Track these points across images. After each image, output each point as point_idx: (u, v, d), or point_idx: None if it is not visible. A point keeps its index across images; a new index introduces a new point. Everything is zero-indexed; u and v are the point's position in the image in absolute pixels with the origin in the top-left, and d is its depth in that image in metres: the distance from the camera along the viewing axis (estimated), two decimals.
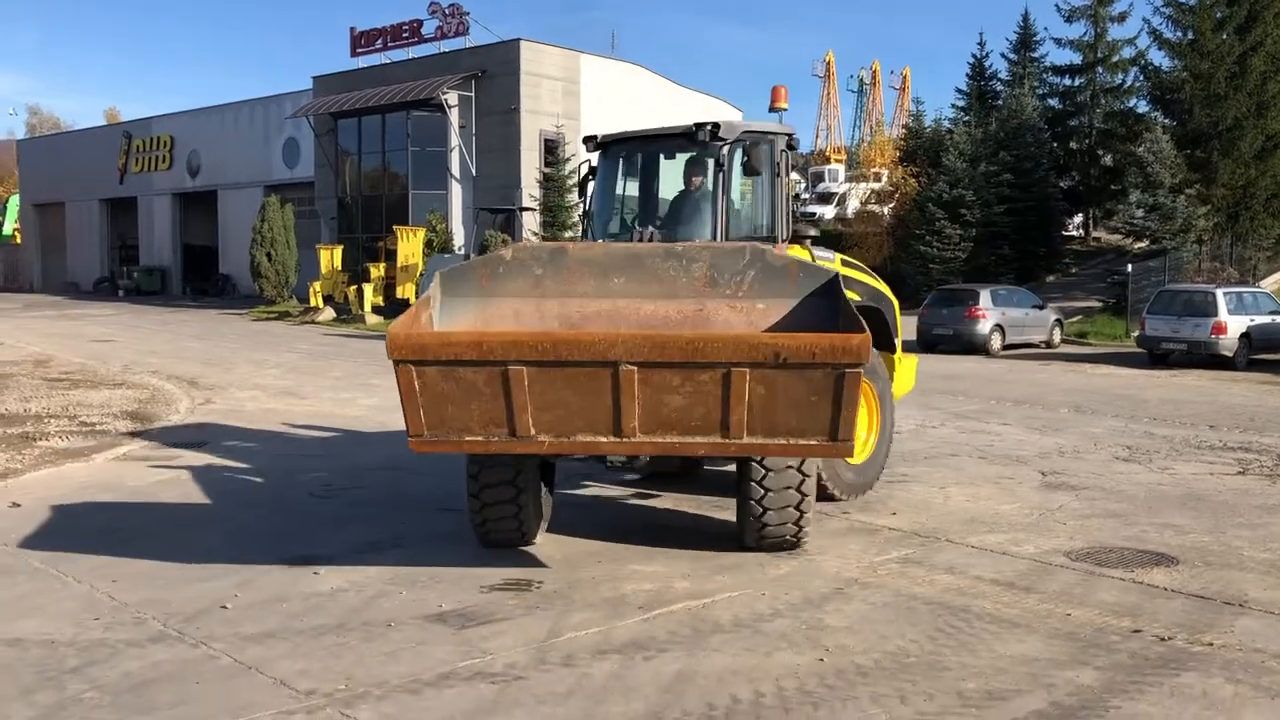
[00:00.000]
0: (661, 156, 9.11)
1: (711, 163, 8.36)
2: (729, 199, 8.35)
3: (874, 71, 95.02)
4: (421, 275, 31.47)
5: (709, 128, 8.24)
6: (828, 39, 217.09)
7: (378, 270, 34.25)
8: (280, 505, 8.57)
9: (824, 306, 6.45)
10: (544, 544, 7.36)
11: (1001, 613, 5.94)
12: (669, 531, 7.76)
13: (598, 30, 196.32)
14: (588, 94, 39.69)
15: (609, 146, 9.07)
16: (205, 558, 6.95)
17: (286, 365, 19.99)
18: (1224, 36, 33.58)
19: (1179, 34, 35.28)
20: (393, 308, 32.87)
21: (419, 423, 5.74)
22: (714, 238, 8.11)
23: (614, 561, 6.92)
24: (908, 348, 10.81)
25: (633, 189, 9.13)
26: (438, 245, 34.46)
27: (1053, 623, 5.77)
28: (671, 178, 8.92)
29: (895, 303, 9.97)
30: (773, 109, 12.98)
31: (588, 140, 9.19)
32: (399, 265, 33.11)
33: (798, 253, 8.31)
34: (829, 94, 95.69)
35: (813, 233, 9.16)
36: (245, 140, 49.02)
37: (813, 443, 5.76)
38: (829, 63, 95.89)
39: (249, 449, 11.14)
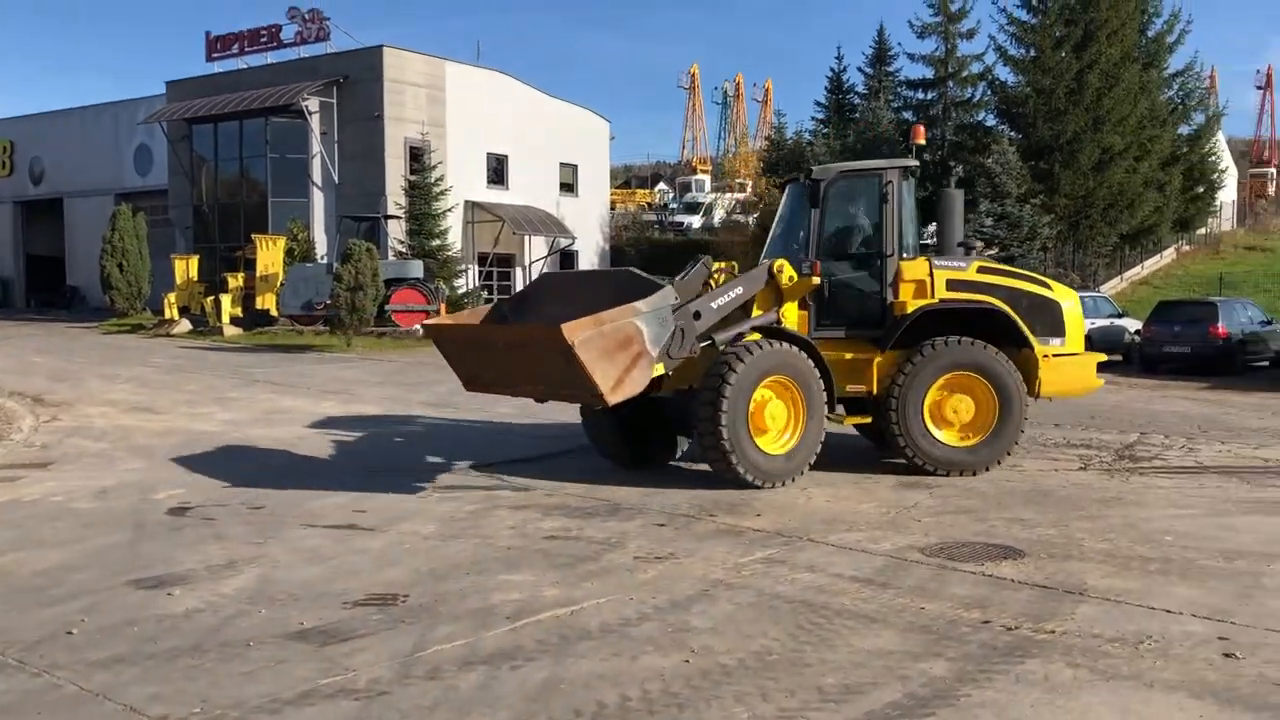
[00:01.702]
0: (796, 193, 11.15)
1: (808, 198, 10.48)
2: (823, 226, 10.47)
3: (737, 84, 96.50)
4: (283, 285, 30.64)
5: (806, 171, 10.76)
6: (693, 51, 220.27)
7: (236, 280, 33.20)
8: (132, 525, 8.24)
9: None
10: (410, 557, 7.28)
11: (860, 608, 6.13)
12: (539, 539, 7.76)
13: (463, 38, 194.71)
14: (453, 101, 39.37)
15: (783, 187, 11.74)
16: (50, 582, 6.64)
17: (139, 380, 19.21)
18: (1062, 54, 35.39)
19: (1022, 51, 37.05)
20: (253, 318, 31.94)
21: (456, 372, 10.03)
22: (807, 258, 10.27)
23: (481, 572, 6.89)
24: None
25: (785, 219, 11.34)
26: (299, 254, 33.64)
27: (908, 616, 5.98)
28: (791, 209, 11.34)
29: (1063, 306, 10.86)
30: (910, 144, 13.78)
31: (779, 185, 12.35)
32: (258, 275, 32.15)
33: (909, 265, 10.40)
34: (694, 105, 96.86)
35: (977, 244, 11.59)
36: (94, 146, 46.97)
37: (587, 395, 8.69)
38: (694, 75, 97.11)
39: (99, 467, 10.68)
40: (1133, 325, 24.21)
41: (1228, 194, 49.88)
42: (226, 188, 40.78)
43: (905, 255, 10.48)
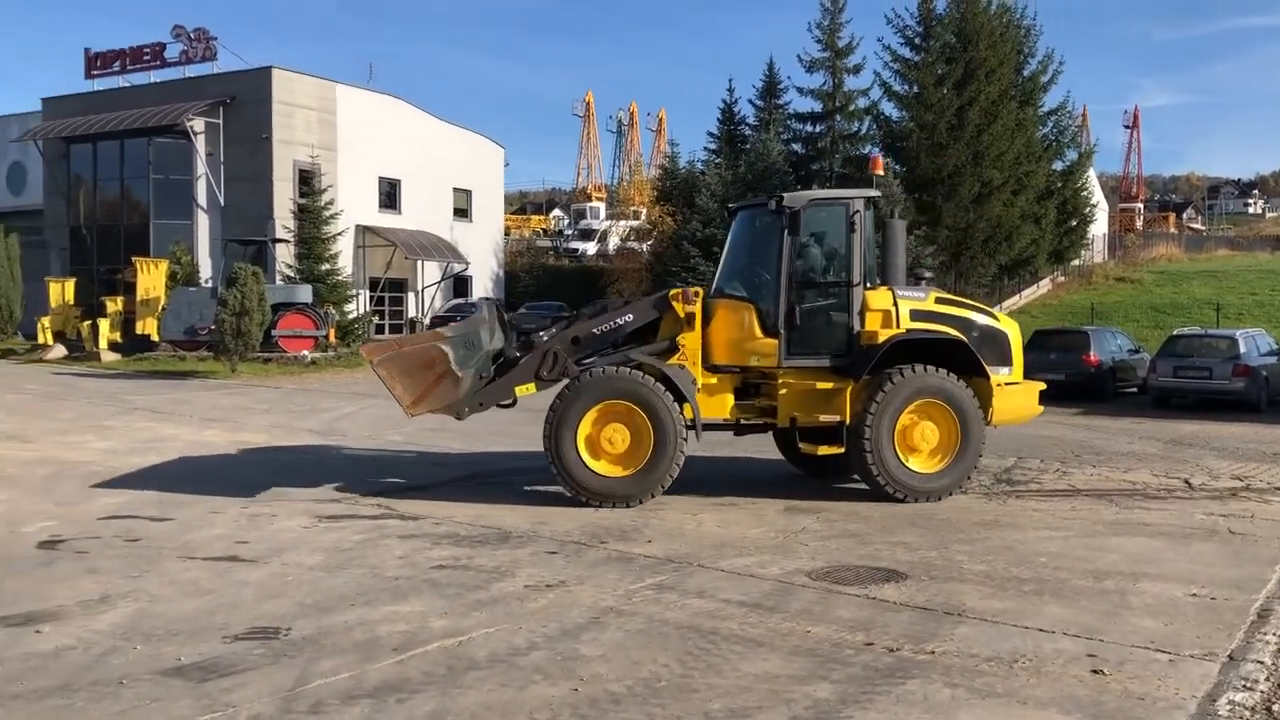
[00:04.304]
0: (754, 220, 11.21)
1: (779, 225, 10.48)
2: (794, 253, 10.47)
3: (631, 113, 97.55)
4: (165, 309, 29.71)
5: (777, 198, 10.61)
6: (587, 79, 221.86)
7: (115, 304, 32.10)
8: None
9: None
10: (294, 589, 7.12)
11: (747, 633, 6.20)
12: (427, 569, 7.66)
13: (357, 61, 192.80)
14: (344, 125, 38.88)
15: (734, 213, 11.67)
16: None
17: (9, 407, 18.41)
18: (944, 91, 36.61)
19: (906, 87, 38.19)
20: (133, 344, 30.90)
21: None
22: (778, 284, 10.44)
23: (368, 603, 6.77)
24: None
25: (743, 246, 11.34)
26: (182, 278, 32.69)
27: (794, 640, 6.08)
28: (751, 235, 11.31)
29: (1010, 336, 11.00)
30: (870, 173, 13.70)
31: (726, 209, 11.98)
32: (139, 299, 31.15)
33: (874, 295, 10.51)
34: (589, 133, 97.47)
35: (928, 275, 12.08)
36: None
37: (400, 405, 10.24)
38: (588, 103, 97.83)
39: None
40: None
41: (1099, 227, 52.12)
42: (106, 209, 39.50)
43: (868, 285, 10.65)
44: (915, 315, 10.59)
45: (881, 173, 12.07)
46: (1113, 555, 8.23)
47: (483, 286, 46.09)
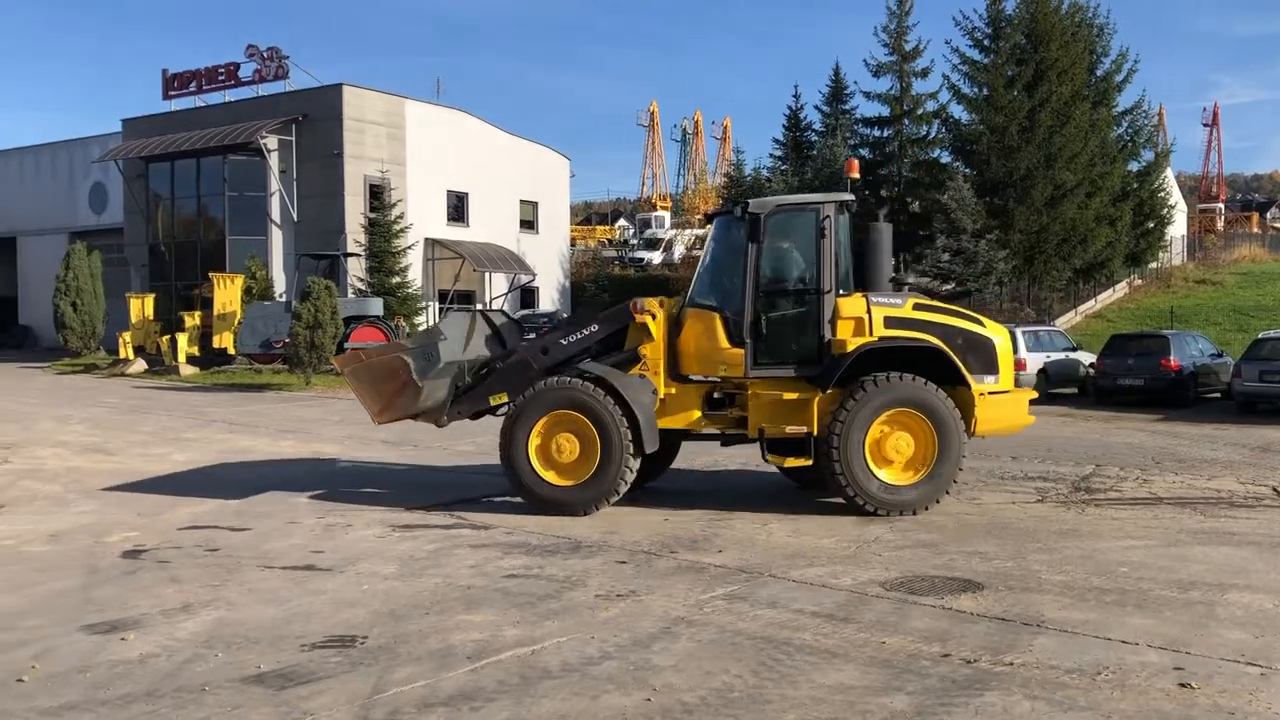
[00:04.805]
0: (728, 227, 10.89)
1: (744, 232, 10.24)
2: (760, 259, 10.22)
3: (696, 121, 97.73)
4: (240, 323, 30.37)
5: (741, 205, 10.43)
6: (651, 89, 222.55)
7: (193, 319, 32.89)
8: (84, 569, 8.10)
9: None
10: (369, 598, 7.20)
11: (820, 644, 6.14)
12: (499, 578, 7.71)
13: (424, 75, 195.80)
14: (413, 139, 39.44)
15: (710, 220, 11.55)
16: None
17: (93, 420, 18.94)
18: (1014, 93, 36.03)
19: (975, 90, 37.66)
20: (210, 358, 31.61)
21: None
22: (743, 292, 10.20)
23: (442, 612, 6.83)
24: None
25: (716, 254, 11.15)
26: (258, 292, 33.40)
27: (869, 651, 6.00)
28: (724, 243, 10.96)
29: (996, 343, 10.43)
30: (845, 176, 13.96)
31: (705, 216, 11.87)
32: (216, 313, 31.88)
33: (846, 302, 10.14)
34: (654, 142, 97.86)
35: (909, 282, 12.19)
36: (47, 185, 46.57)
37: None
38: (653, 112, 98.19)
39: (51, 510, 10.50)
40: (1087, 358, 24.52)
41: (1177, 229, 50.83)
42: (183, 226, 40.51)
43: (841, 292, 10.32)
44: (890, 323, 10.16)
45: (856, 176, 11.65)
46: (1198, 565, 8.00)
47: (549, 297, 46.40)
